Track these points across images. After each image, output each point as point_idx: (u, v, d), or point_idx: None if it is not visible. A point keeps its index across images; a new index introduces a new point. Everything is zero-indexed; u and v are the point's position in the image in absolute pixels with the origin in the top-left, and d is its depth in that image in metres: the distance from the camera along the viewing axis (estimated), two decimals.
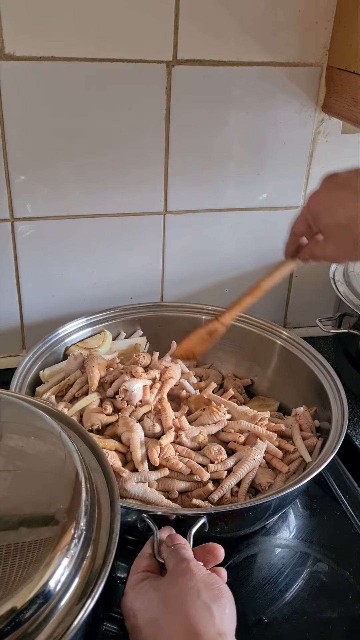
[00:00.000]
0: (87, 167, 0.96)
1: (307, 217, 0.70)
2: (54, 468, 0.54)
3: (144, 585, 0.57)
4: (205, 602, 0.53)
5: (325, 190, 0.69)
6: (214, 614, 0.53)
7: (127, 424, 0.79)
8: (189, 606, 0.53)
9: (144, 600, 0.56)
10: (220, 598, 0.54)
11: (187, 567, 0.57)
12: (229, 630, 0.53)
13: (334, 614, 0.70)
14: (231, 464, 0.79)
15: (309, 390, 0.92)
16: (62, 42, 0.86)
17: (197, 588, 0.54)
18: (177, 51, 0.90)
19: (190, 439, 0.81)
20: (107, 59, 0.88)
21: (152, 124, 0.95)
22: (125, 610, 0.57)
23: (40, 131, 0.91)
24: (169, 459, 0.77)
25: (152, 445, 0.78)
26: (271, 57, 0.94)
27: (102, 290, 1.08)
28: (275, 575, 0.75)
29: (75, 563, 0.48)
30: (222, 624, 0.52)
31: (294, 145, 1.03)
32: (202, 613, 0.52)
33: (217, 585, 0.55)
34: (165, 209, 1.03)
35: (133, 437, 0.77)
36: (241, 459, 0.79)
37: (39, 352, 0.93)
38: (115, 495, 0.55)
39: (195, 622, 0.51)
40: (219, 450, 0.79)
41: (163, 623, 0.53)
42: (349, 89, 0.92)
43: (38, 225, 0.99)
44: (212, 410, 0.83)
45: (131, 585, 0.59)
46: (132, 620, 0.56)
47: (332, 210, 0.66)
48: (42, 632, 0.44)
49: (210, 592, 0.54)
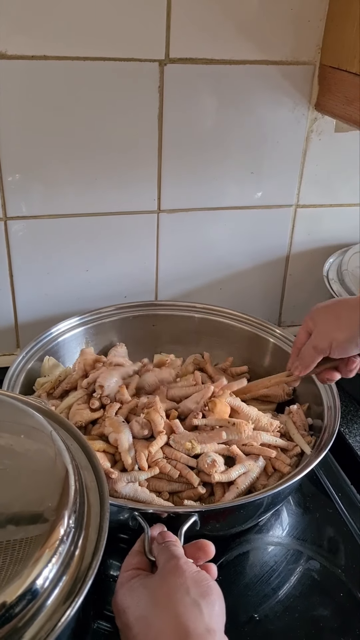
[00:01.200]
0: (80, 166, 0.96)
1: (320, 351, 0.77)
2: (44, 466, 0.54)
3: (134, 582, 0.58)
4: (194, 599, 0.53)
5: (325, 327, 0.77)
6: (203, 611, 0.53)
7: (113, 424, 0.79)
8: (177, 603, 0.53)
9: (133, 597, 0.56)
10: (210, 595, 0.54)
11: (176, 564, 0.57)
12: (218, 627, 0.53)
13: (326, 612, 0.70)
14: (235, 476, 0.75)
15: (302, 388, 0.92)
16: (54, 41, 0.86)
17: (186, 585, 0.55)
18: (169, 50, 0.90)
19: (177, 443, 0.78)
20: (99, 57, 0.88)
21: (145, 122, 0.95)
22: (115, 608, 0.58)
23: (33, 130, 0.91)
24: (158, 462, 0.77)
25: (140, 449, 0.77)
26: (264, 56, 0.94)
27: (96, 289, 1.08)
28: (267, 573, 0.75)
29: (64, 561, 0.48)
30: (211, 620, 0.52)
31: (288, 144, 1.03)
32: (190, 610, 0.52)
33: (206, 582, 0.55)
34: (159, 207, 1.03)
35: (121, 439, 0.77)
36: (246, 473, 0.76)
37: (32, 351, 0.93)
38: (105, 493, 0.55)
39: (184, 619, 0.51)
40: (212, 462, 0.75)
41: (152, 620, 0.53)
42: (342, 88, 0.92)
43: (32, 225, 0.99)
44: (243, 428, 0.78)
45: (121, 583, 0.59)
46: (122, 618, 0.56)
47: (336, 342, 0.75)
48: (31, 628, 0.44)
49: (199, 589, 0.54)
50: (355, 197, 1.12)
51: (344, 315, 0.74)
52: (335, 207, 1.12)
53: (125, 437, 0.78)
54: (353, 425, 0.98)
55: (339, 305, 0.76)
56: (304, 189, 1.08)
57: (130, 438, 0.79)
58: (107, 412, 0.83)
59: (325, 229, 1.14)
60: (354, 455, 0.93)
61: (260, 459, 0.78)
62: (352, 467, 0.91)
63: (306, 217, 1.12)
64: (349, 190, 1.11)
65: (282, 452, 0.81)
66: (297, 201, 1.10)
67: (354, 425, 0.99)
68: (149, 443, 0.78)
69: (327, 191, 1.10)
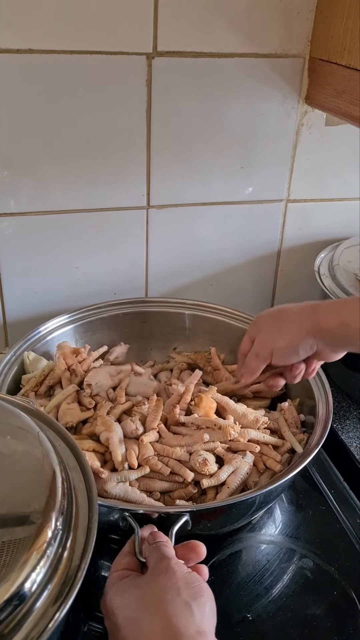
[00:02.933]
0: (68, 161, 0.95)
1: (262, 359, 0.78)
2: (31, 468, 0.53)
3: (124, 583, 0.57)
4: (185, 601, 0.52)
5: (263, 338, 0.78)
6: (194, 612, 0.52)
7: (105, 423, 0.78)
8: (168, 605, 0.52)
9: (123, 598, 0.55)
10: (201, 596, 0.54)
11: (167, 565, 0.56)
12: (209, 628, 0.52)
13: (319, 610, 0.70)
14: (225, 477, 0.75)
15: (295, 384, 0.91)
16: (40, 35, 0.84)
17: (177, 586, 0.54)
18: (157, 43, 0.89)
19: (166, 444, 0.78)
20: (86, 51, 0.87)
21: (133, 117, 0.94)
22: (105, 609, 0.57)
23: (20, 126, 0.90)
24: (149, 460, 0.76)
25: (130, 446, 0.76)
26: (253, 49, 0.93)
27: (85, 286, 1.06)
28: (259, 572, 0.74)
29: (52, 563, 0.48)
30: (202, 622, 0.52)
31: (278, 138, 1.02)
32: (181, 611, 0.52)
33: (197, 584, 0.55)
34: (148, 203, 1.02)
35: (112, 437, 0.76)
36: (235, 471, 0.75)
37: (21, 350, 0.92)
38: (93, 495, 0.54)
39: (175, 621, 0.51)
40: (203, 461, 0.74)
41: (142, 622, 0.52)
42: (331, 80, 0.91)
43: (20, 221, 0.97)
44: (229, 432, 0.77)
45: (111, 584, 0.58)
46: (111, 619, 0.55)
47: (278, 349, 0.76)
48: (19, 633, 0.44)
49: (190, 590, 0.54)
50: (346, 192, 1.11)
51: (285, 324, 0.75)
52: (326, 202, 1.11)
53: (117, 435, 0.77)
54: (345, 421, 0.98)
55: (281, 313, 0.77)
56: (295, 184, 1.08)
57: (121, 435, 0.78)
58: (99, 411, 0.82)
59: (316, 223, 1.14)
60: (346, 451, 0.92)
61: (247, 454, 0.78)
62: (344, 463, 0.91)
63: (297, 212, 1.11)
64: (339, 184, 1.10)
65: (272, 449, 0.80)
66: (288, 196, 1.09)
67: (346, 421, 0.98)
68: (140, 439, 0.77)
69: (318, 185, 1.09)
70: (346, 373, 1.01)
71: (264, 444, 0.80)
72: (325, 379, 0.86)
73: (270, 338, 0.76)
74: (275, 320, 0.77)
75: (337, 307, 0.73)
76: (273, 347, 0.75)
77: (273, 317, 0.78)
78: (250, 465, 0.77)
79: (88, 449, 0.76)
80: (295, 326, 0.74)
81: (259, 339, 0.78)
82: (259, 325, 0.79)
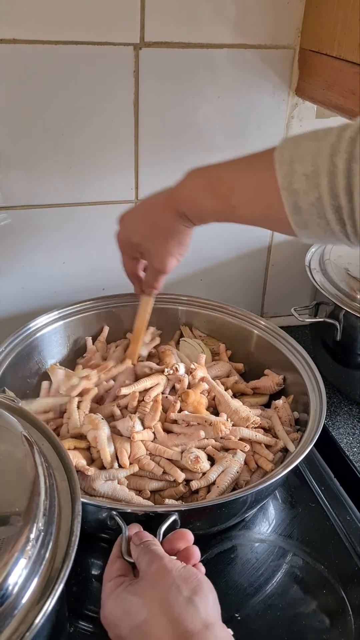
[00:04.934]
0: (55, 155, 0.93)
1: (126, 252, 0.77)
2: (12, 468, 0.52)
3: (121, 592, 0.55)
4: (188, 597, 0.52)
5: (124, 225, 0.78)
6: (198, 607, 0.51)
7: (92, 422, 0.76)
8: (172, 605, 0.52)
9: (124, 607, 0.54)
10: (201, 589, 0.53)
11: (161, 564, 0.55)
12: (214, 619, 0.52)
13: (308, 609, 0.69)
14: (214, 477, 0.74)
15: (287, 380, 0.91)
16: (24, 24, 0.82)
17: (177, 584, 0.53)
18: (144, 33, 0.87)
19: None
20: (72, 41, 0.85)
21: (120, 109, 0.92)
22: (106, 622, 0.55)
23: (4, 119, 0.88)
24: (140, 459, 0.75)
25: (120, 445, 0.75)
26: (242, 39, 0.92)
27: (73, 282, 1.05)
28: (249, 571, 0.73)
29: (34, 565, 0.47)
30: (208, 614, 0.51)
31: (268, 130, 1.01)
32: (186, 609, 0.51)
33: (195, 577, 0.54)
34: (137, 197, 1.00)
35: (100, 436, 0.75)
36: (224, 471, 0.75)
37: (10, 347, 0.90)
38: (77, 495, 0.53)
39: (182, 619, 0.50)
40: (195, 458, 0.74)
41: (149, 628, 0.51)
42: (322, 72, 0.90)
43: (6, 216, 0.96)
44: (220, 428, 0.77)
45: (107, 594, 0.56)
46: (114, 631, 0.54)
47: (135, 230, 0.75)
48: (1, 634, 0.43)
49: (190, 585, 0.53)
50: None
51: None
52: None
53: (104, 433, 0.76)
54: (336, 417, 0.97)
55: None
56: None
57: (109, 435, 0.77)
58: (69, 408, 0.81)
59: None
60: (337, 447, 0.91)
61: (238, 453, 0.77)
62: (335, 459, 0.90)
63: None
64: None
65: (264, 448, 0.79)
66: None
67: (337, 417, 0.97)
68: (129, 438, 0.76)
69: None
70: (337, 368, 1.00)
71: (257, 442, 0.79)
72: (319, 376, 0.84)
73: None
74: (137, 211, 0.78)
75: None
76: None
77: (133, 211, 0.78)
78: (241, 464, 0.76)
79: (69, 448, 0.74)
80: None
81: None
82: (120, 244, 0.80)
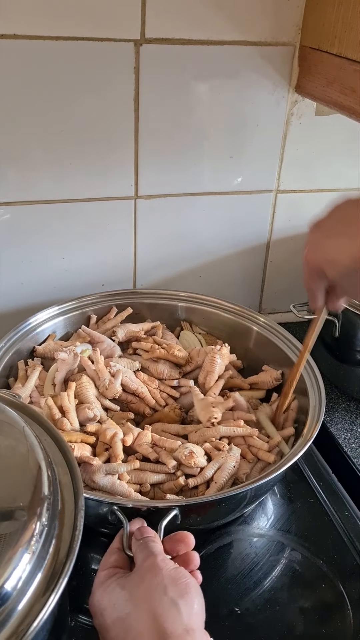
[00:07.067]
0: (55, 151, 0.93)
1: (312, 272, 0.67)
2: (15, 463, 0.53)
3: (111, 583, 0.56)
4: (172, 599, 0.52)
5: (316, 243, 0.66)
6: (182, 611, 0.51)
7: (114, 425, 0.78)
8: (155, 604, 0.52)
9: (111, 598, 0.55)
10: (188, 593, 0.53)
11: (153, 562, 0.56)
12: (197, 625, 0.52)
13: (307, 604, 0.70)
14: (211, 474, 0.74)
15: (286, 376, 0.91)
16: (25, 20, 0.82)
17: (164, 584, 0.53)
18: (145, 29, 0.87)
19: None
20: (72, 37, 0.85)
21: (121, 105, 0.92)
22: (93, 609, 0.56)
23: (5, 114, 0.88)
24: (142, 445, 0.76)
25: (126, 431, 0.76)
26: (242, 36, 0.92)
27: (72, 278, 1.05)
28: (248, 565, 0.74)
29: (38, 559, 0.47)
30: (190, 620, 0.51)
31: (268, 127, 1.01)
32: (168, 611, 0.51)
33: (184, 580, 0.54)
34: (136, 193, 1.01)
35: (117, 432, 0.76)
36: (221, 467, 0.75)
37: (10, 342, 0.90)
38: (80, 490, 0.53)
39: (162, 621, 0.51)
40: (189, 453, 0.74)
41: (130, 622, 0.52)
42: (322, 69, 0.90)
43: (6, 211, 0.96)
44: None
45: (99, 583, 0.57)
46: (99, 620, 0.55)
47: (332, 263, 0.63)
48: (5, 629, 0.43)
49: (177, 588, 0.53)
50: (336, 182, 1.10)
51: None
52: (315, 193, 1.10)
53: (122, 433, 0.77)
54: (334, 413, 0.98)
55: None
56: (284, 174, 1.07)
57: None
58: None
59: (306, 214, 1.11)
60: (334, 443, 0.92)
61: (233, 448, 0.77)
62: (333, 455, 0.91)
63: (287, 203, 1.10)
64: (329, 175, 1.09)
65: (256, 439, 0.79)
66: (278, 186, 1.08)
67: (335, 412, 0.98)
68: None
69: (308, 176, 1.08)
70: (335, 364, 1.01)
71: (239, 436, 0.80)
72: (319, 373, 0.85)
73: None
74: (316, 239, 0.66)
75: None
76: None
77: (313, 236, 0.67)
78: (238, 458, 0.77)
79: (76, 440, 0.75)
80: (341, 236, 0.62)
81: (308, 255, 0.67)
82: (307, 255, 0.67)
